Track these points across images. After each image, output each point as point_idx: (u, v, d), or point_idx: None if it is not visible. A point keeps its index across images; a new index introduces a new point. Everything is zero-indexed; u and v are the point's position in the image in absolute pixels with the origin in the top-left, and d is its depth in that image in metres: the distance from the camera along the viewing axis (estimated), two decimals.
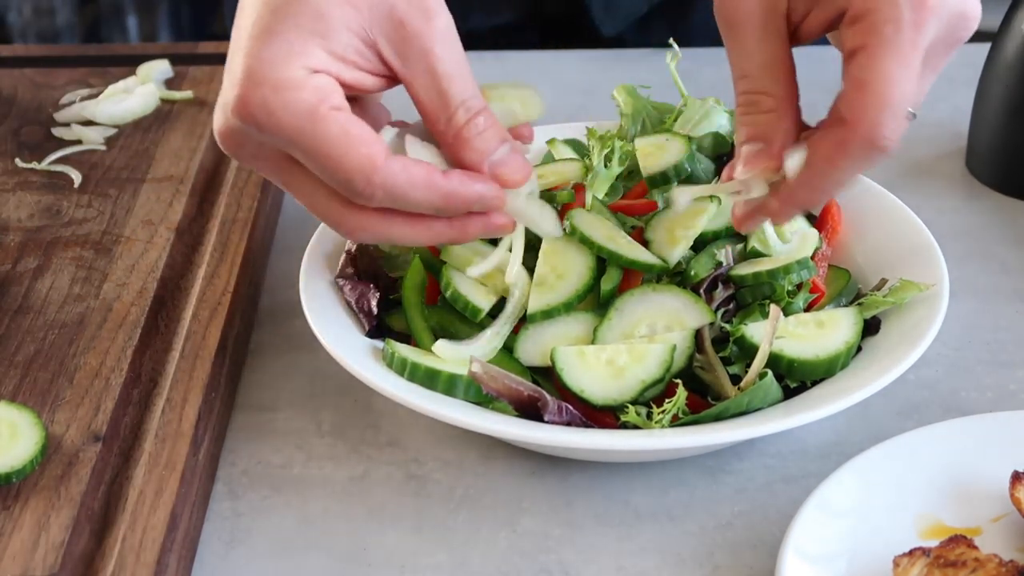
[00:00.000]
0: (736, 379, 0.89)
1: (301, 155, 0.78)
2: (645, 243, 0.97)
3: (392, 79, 0.81)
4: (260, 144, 0.80)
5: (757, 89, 0.81)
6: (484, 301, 0.93)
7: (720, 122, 1.07)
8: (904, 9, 0.76)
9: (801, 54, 0.86)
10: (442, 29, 0.79)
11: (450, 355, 0.90)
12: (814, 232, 0.99)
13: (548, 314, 0.92)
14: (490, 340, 0.92)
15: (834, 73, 0.83)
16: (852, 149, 0.77)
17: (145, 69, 1.28)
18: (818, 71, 0.98)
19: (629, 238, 0.96)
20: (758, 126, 0.81)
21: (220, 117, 0.80)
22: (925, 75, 0.79)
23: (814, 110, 1.06)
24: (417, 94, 0.80)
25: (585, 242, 0.94)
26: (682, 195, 0.87)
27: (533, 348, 0.92)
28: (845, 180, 0.79)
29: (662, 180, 1.02)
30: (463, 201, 0.80)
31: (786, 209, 0.82)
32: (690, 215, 0.97)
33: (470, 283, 0.95)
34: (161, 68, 1.28)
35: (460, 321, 0.94)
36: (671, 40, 1.09)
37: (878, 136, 0.76)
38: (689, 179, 1.03)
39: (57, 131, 1.21)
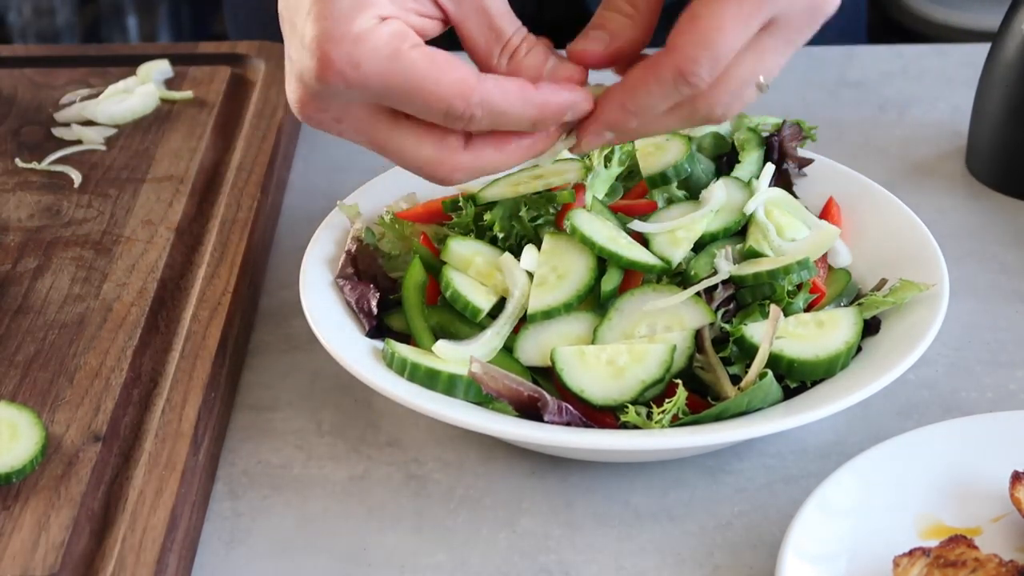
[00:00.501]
0: (736, 379, 0.89)
1: (395, 98, 0.78)
2: (645, 243, 0.97)
3: (443, 22, 0.82)
4: (346, 104, 0.80)
5: (613, 3, 0.85)
6: (484, 301, 0.93)
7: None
8: None
9: (801, 54, 0.86)
10: None
11: (450, 355, 0.90)
12: (834, 228, 0.99)
13: (548, 314, 0.92)
14: (490, 340, 0.92)
15: (833, 73, 0.84)
16: (662, 73, 0.80)
17: (145, 69, 1.28)
18: (818, 71, 0.99)
19: (630, 238, 0.96)
20: (609, 21, 0.85)
21: (298, 88, 0.80)
22: (775, 46, 0.81)
23: (811, 109, 1.07)
24: (470, 32, 0.82)
25: (586, 242, 0.94)
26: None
27: (533, 348, 0.92)
28: (649, 108, 0.82)
29: (662, 180, 1.02)
30: (557, 108, 0.81)
31: (592, 126, 0.84)
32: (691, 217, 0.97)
33: (470, 283, 0.95)
34: (161, 68, 1.28)
35: (460, 321, 0.94)
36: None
37: (689, 70, 0.79)
38: (689, 179, 1.03)
39: (57, 131, 1.21)
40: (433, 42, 0.81)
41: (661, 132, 0.86)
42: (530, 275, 0.94)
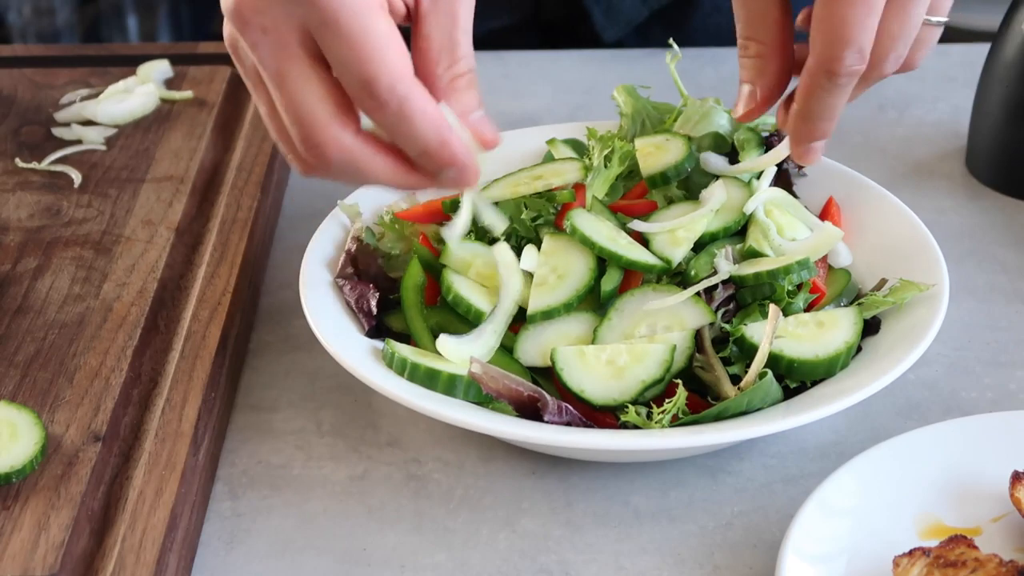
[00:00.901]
0: (736, 379, 0.89)
1: (336, 39, 0.75)
2: (645, 243, 0.97)
3: (407, 16, 0.81)
4: (287, 16, 0.76)
5: (747, 35, 0.90)
6: (485, 303, 0.93)
7: (720, 122, 1.07)
8: None
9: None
10: None
11: (453, 350, 0.90)
12: (836, 230, 0.99)
13: (548, 315, 0.92)
14: (488, 337, 0.91)
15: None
16: (818, 80, 0.85)
17: (145, 69, 1.28)
18: None
19: (630, 238, 0.96)
20: (748, 69, 0.91)
21: None
22: (919, 6, 0.85)
23: None
24: (430, 33, 0.80)
25: (586, 242, 0.94)
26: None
27: (533, 348, 0.92)
28: (825, 107, 0.87)
29: (662, 180, 1.02)
30: (449, 157, 0.79)
31: (797, 143, 0.90)
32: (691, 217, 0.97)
33: (471, 286, 0.95)
34: (161, 68, 1.28)
35: (459, 321, 0.94)
36: (670, 40, 1.09)
37: (837, 68, 0.84)
38: (688, 179, 1.03)
39: (57, 131, 1.21)
40: None
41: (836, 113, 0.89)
42: (529, 275, 0.94)
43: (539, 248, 0.96)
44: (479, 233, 0.99)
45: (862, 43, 0.83)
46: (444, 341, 0.90)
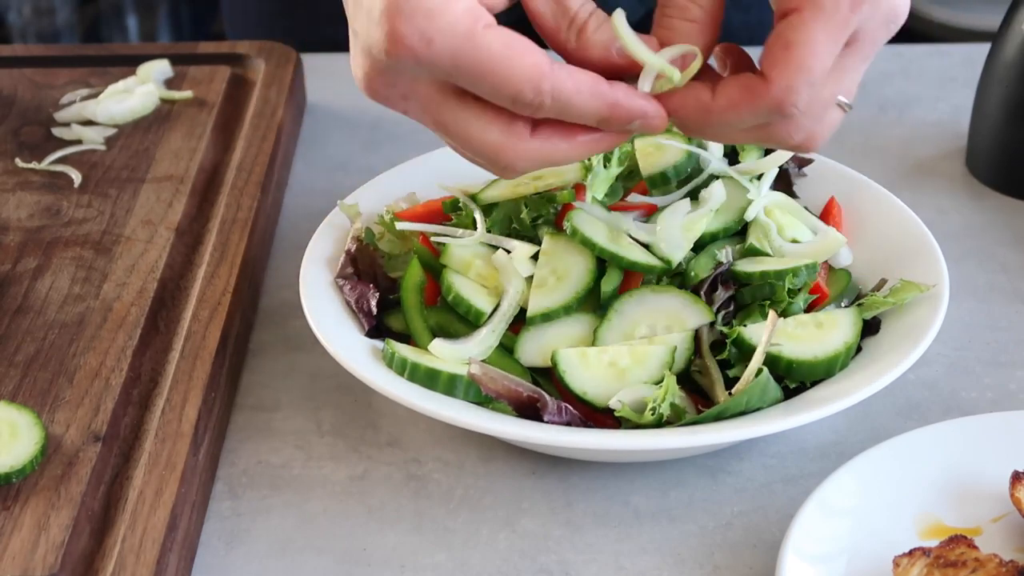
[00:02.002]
0: (735, 383, 0.89)
1: (465, 77, 0.76)
2: (645, 244, 0.97)
3: None
4: (414, 80, 0.78)
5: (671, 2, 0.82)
6: (486, 304, 0.93)
7: None
8: None
9: None
10: None
11: (446, 354, 0.90)
12: (840, 236, 0.98)
13: (548, 316, 0.92)
14: (486, 338, 0.91)
15: (876, 72, 0.86)
16: (759, 102, 0.77)
17: (145, 69, 1.28)
18: None
19: (630, 239, 0.96)
20: (675, 30, 0.81)
21: (365, 62, 0.78)
22: (855, 64, 0.80)
23: None
24: (537, 6, 0.81)
25: (586, 243, 0.94)
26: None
27: (534, 349, 0.92)
28: (736, 129, 0.80)
29: (662, 180, 1.02)
30: (627, 112, 0.79)
31: (664, 122, 0.81)
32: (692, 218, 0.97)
33: (471, 286, 0.95)
34: (161, 68, 1.28)
35: (459, 321, 0.94)
36: None
37: (787, 99, 0.76)
38: (688, 179, 1.03)
39: (57, 131, 1.21)
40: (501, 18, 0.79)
41: (728, 141, 0.84)
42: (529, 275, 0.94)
43: (538, 248, 0.96)
44: None
45: (819, 82, 0.77)
46: (438, 345, 0.90)
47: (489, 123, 0.79)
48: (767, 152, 1.05)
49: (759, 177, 1.02)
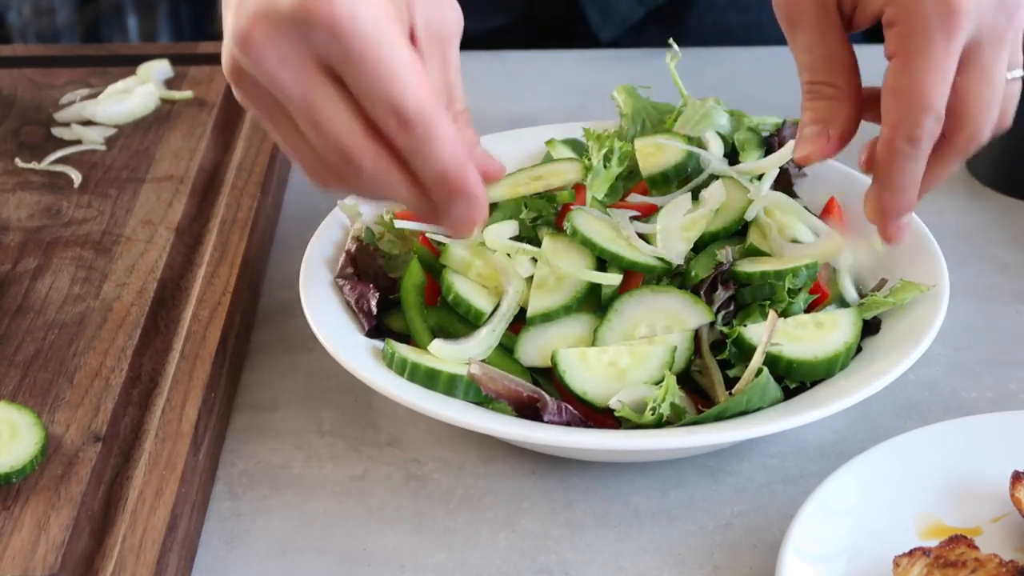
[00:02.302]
0: (734, 383, 0.89)
1: (361, 67, 0.75)
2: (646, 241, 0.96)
3: None
4: (306, 45, 0.76)
5: (819, 80, 0.87)
6: (486, 304, 0.93)
7: (720, 122, 1.07)
8: (932, 19, 0.80)
9: None
10: (461, 27, 0.83)
11: (446, 354, 0.90)
12: (842, 240, 0.98)
13: (548, 316, 0.92)
14: (485, 339, 0.91)
15: (871, 71, 0.86)
16: (898, 148, 0.83)
17: (145, 69, 1.28)
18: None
19: (630, 239, 0.96)
20: (818, 111, 0.87)
21: (260, 6, 0.76)
22: (991, 57, 0.83)
23: None
24: (428, 72, 0.81)
25: (586, 243, 0.94)
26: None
27: (534, 350, 0.92)
28: (908, 176, 0.85)
29: (662, 180, 1.02)
30: (466, 185, 0.79)
31: (884, 219, 0.87)
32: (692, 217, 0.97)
33: (471, 286, 0.95)
34: (161, 68, 1.28)
35: (459, 321, 0.94)
36: (670, 40, 1.09)
37: (917, 136, 0.82)
38: (688, 180, 1.03)
39: (57, 131, 1.21)
40: None
41: (950, 174, 0.88)
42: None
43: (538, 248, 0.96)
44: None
45: (939, 108, 0.82)
46: (438, 345, 0.90)
47: (355, 118, 0.78)
48: (766, 156, 1.05)
49: (759, 177, 1.02)
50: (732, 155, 1.06)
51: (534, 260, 0.94)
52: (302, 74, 0.77)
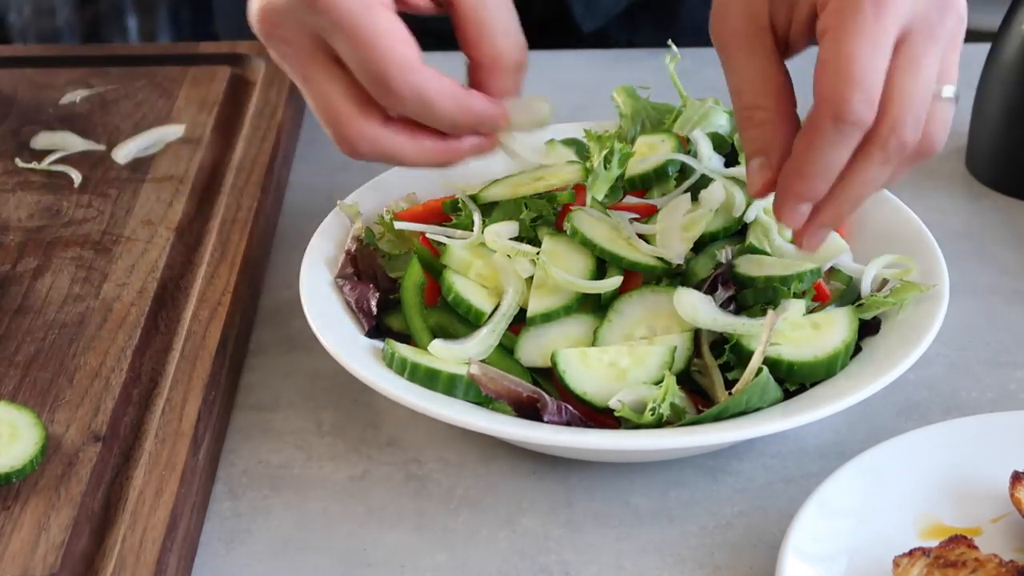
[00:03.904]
0: (735, 384, 0.89)
1: (346, 42, 0.80)
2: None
3: (437, 5, 0.86)
4: (299, 27, 0.82)
5: (749, 104, 0.84)
6: (486, 304, 0.93)
7: (719, 122, 1.07)
8: None
9: (801, 55, 0.86)
10: None
11: (446, 355, 0.90)
12: (842, 242, 0.98)
13: (548, 317, 0.92)
14: (485, 339, 0.91)
15: None
16: (821, 125, 0.79)
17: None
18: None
19: (630, 239, 0.96)
20: (755, 141, 0.84)
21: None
22: (924, 51, 0.80)
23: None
24: (467, 14, 0.86)
25: (586, 243, 0.94)
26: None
27: (534, 349, 0.92)
28: (828, 165, 0.81)
29: (640, 183, 1.01)
30: (478, 117, 0.85)
31: (784, 204, 0.83)
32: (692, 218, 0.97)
33: (472, 286, 0.95)
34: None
35: (459, 322, 0.94)
36: (669, 41, 1.09)
37: (843, 111, 0.78)
38: (668, 182, 1.02)
39: (57, 132, 1.21)
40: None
41: (879, 188, 0.84)
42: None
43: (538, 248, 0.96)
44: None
45: (870, 84, 0.78)
46: (438, 345, 0.90)
47: (348, 93, 0.84)
48: None
49: None
50: (732, 155, 1.06)
51: (534, 261, 0.94)
52: (302, 53, 0.83)
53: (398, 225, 0.99)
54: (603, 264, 0.95)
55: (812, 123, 0.80)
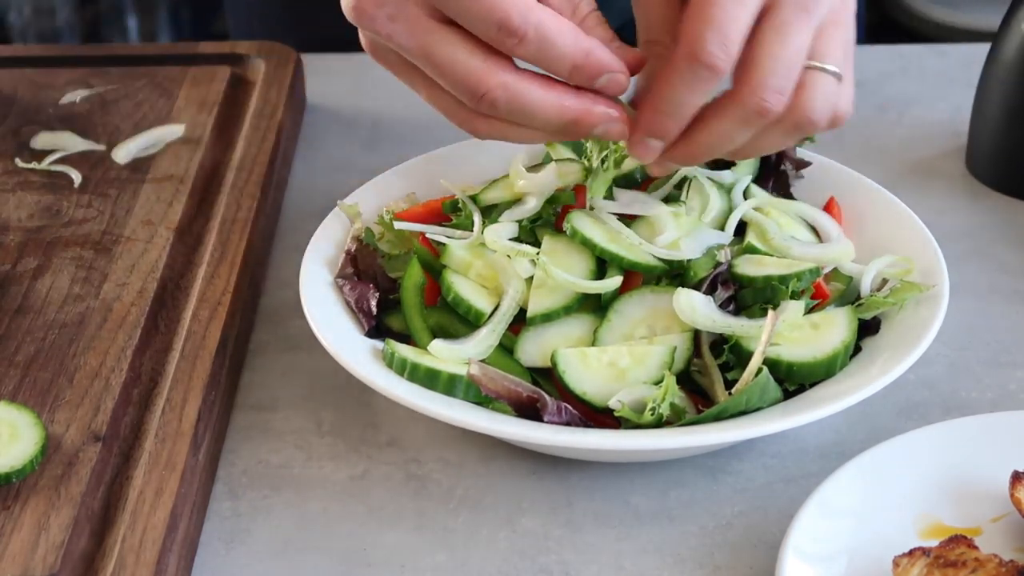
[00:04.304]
0: (735, 384, 0.89)
1: (455, 1, 0.80)
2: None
3: None
4: (402, 2, 0.82)
5: (649, 40, 0.89)
6: (486, 304, 0.93)
7: None
8: None
9: None
10: None
11: (446, 355, 0.90)
12: (850, 248, 0.98)
13: (548, 317, 0.92)
14: (485, 339, 0.91)
15: (873, 72, 0.85)
16: (677, 64, 0.82)
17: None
18: None
19: (629, 240, 0.96)
20: (651, 68, 0.88)
21: None
22: (793, 19, 0.82)
23: None
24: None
25: (586, 244, 0.94)
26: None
27: (534, 349, 0.92)
28: (680, 104, 0.83)
29: (624, 183, 1.01)
30: (599, 61, 0.83)
31: (634, 136, 0.86)
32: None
33: (472, 286, 0.95)
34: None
35: (459, 322, 0.94)
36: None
37: (698, 50, 0.81)
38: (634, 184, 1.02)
39: (56, 132, 1.21)
40: None
41: (734, 147, 0.86)
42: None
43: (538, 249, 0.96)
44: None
45: (727, 31, 0.81)
46: (438, 345, 0.90)
47: (474, 49, 0.82)
48: (764, 157, 1.04)
49: (752, 175, 1.02)
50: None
51: (534, 261, 0.94)
52: (412, 25, 0.82)
53: (398, 225, 0.99)
54: (603, 264, 0.95)
55: (671, 62, 0.83)
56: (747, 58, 0.82)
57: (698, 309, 0.90)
